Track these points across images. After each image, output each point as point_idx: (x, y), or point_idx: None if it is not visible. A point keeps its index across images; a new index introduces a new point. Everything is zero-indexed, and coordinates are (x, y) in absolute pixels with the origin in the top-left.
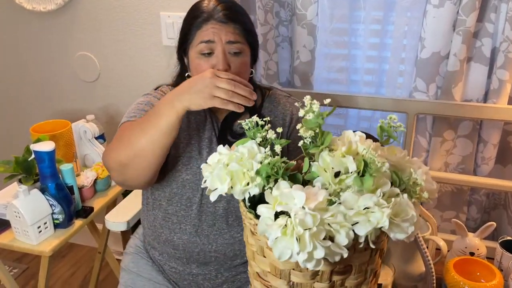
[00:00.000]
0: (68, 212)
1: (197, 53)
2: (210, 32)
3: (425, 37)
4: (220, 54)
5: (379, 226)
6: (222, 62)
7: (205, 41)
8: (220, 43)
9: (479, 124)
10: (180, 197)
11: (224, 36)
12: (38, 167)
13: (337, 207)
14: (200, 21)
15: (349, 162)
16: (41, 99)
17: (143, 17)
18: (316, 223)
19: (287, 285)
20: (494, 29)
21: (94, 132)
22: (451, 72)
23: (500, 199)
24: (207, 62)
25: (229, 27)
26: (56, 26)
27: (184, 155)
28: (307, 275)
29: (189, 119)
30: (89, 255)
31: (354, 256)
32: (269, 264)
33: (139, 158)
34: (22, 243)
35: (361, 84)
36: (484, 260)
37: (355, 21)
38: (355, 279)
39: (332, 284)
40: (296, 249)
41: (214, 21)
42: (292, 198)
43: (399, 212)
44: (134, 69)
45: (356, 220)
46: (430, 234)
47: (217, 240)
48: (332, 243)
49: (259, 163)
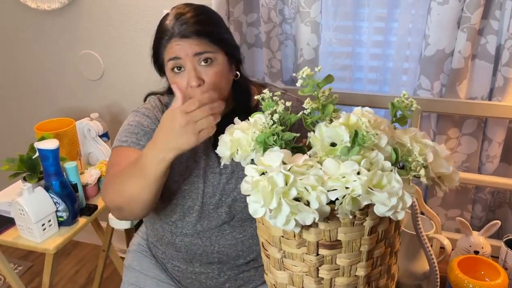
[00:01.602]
0: (72, 210)
1: (170, 71)
2: (175, 49)
3: (430, 35)
4: (191, 70)
5: (354, 194)
6: (193, 78)
7: (172, 58)
8: (187, 58)
9: (484, 122)
10: (181, 207)
11: (190, 50)
12: (42, 165)
13: (315, 171)
14: (164, 41)
15: (342, 131)
16: (46, 97)
17: (147, 16)
18: (288, 183)
19: (279, 252)
20: (499, 26)
21: (98, 130)
22: (455, 70)
23: (505, 198)
24: (182, 78)
25: (192, 40)
26: (60, 25)
27: (181, 165)
28: (294, 243)
29: None
30: (93, 253)
31: (341, 230)
32: (265, 231)
33: (134, 202)
34: (27, 240)
35: (365, 82)
36: (488, 259)
37: (359, 18)
38: (347, 257)
39: (321, 258)
40: (261, 202)
41: (176, 37)
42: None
43: (384, 184)
44: (138, 68)
45: (334, 187)
46: (434, 233)
47: (219, 242)
48: (300, 203)
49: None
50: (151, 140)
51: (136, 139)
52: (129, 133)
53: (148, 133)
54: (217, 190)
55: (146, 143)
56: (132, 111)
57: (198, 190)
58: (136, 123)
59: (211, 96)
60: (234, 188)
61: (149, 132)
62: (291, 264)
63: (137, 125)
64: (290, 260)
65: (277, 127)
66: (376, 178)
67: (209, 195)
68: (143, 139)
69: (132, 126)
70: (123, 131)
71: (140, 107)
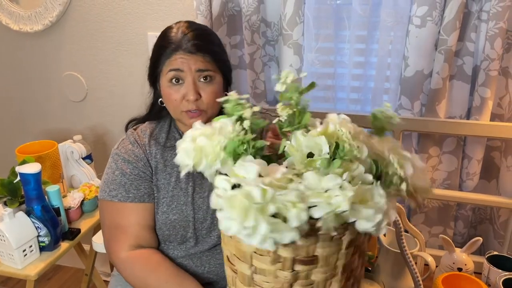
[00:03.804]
0: (54, 235)
1: (167, 81)
2: (179, 61)
3: (409, 56)
4: (191, 84)
5: (338, 210)
6: (193, 91)
7: (174, 69)
8: (189, 72)
9: (463, 140)
10: (174, 236)
11: (194, 65)
12: (24, 189)
13: (295, 186)
14: (169, 51)
15: (322, 142)
16: (28, 120)
17: (130, 37)
18: (266, 199)
19: (249, 269)
20: (475, 48)
21: (81, 152)
22: (434, 90)
23: (486, 214)
24: (177, 92)
25: (198, 56)
26: (43, 47)
27: (167, 195)
28: (267, 260)
29: (165, 158)
30: (75, 277)
31: (319, 245)
32: (234, 246)
33: None
34: (7, 267)
35: (347, 102)
36: (472, 276)
37: (340, 40)
38: (323, 272)
39: (296, 274)
40: (238, 220)
41: (182, 51)
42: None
43: (367, 199)
44: (122, 89)
45: (315, 202)
46: (418, 250)
47: (210, 262)
48: (279, 221)
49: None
50: None
51: (125, 192)
52: (117, 185)
53: (135, 180)
54: (207, 214)
55: (135, 191)
56: (113, 151)
57: (188, 217)
58: (120, 173)
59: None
60: None
61: (135, 179)
62: (262, 280)
63: (122, 174)
64: (261, 276)
65: (248, 135)
66: (360, 193)
67: (200, 221)
68: (131, 189)
69: (118, 176)
70: (110, 182)
71: (120, 147)
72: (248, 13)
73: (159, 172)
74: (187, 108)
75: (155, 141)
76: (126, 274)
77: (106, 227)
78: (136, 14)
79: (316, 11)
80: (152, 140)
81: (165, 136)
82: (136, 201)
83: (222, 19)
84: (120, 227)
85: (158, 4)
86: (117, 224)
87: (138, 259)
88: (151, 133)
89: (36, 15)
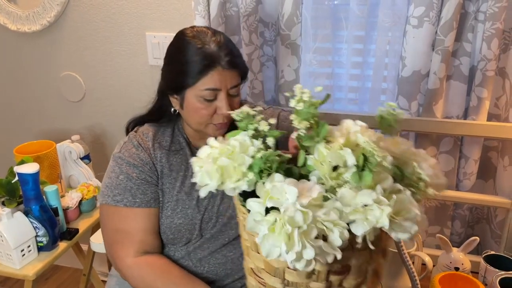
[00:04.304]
0: (52, 235)
1: (198, 97)
2: (217, 80)
3: (406, 56)
4: (225, 99)
5: (378, 226)
6: (227, 107)
7: (212, 89)
8: (224, 90)
9: (460, 140)
10: (179, 240)
11: (229, 83)
12: (22, 190)
13: (332, 204)
14: (204, 66)
15: (347, 155)
16: (26, 120)
17: (128, 37)
18: (307, 221)
19: (281, 283)
20: (472, 48)
21: (79, 152)
22: (431, 90)
23: (483, 213)
24: (209, 107)
25: (233, 73)
26: (41, 47)
27: (172, 199)
28: (302, 274)
29: (170, 162)
30: (73, 277)
31: (353, 255)
32: (263, 261)
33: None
34: (5, 267)
35: (345, 102)
36: (469, 275)
37: (338, 40)
38: (354, 279)
39: (329, 284)
40: (283, 248)
41: (220, 67)
42: (284, 192)
43: (400, 210)
44: (120, 89)
45: (353, 219)
46: (415, 250)
47: (209, 261)
48: (324, 243)
49: (251, 158)
50: None
51: (132, 197)
52: (122, 190)
53: (141, 185)
54: (212, 214)
55: (142, 196)
56: (115, 155)
57: (194, 220)
58: (125, 177)
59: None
60: (228, 207)
61: (142, 183)
62: None
63: (128, 179)
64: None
65: (272, 152)
66: (396, 205)
67: (206, 221)
68: (138, 194)
69: (123, 180)
70: (114, 186)
71: (123, 151)
72: (246, 13)
73: (165, 176)
74: (218, 121)
75: (159, 144)
76: (134, 280)
77: (109, 231)
78: (134, 14)
79: (314, 11)
80: (156, 144)
81: (169, 139)
82: (143, 206)
83: (220, 20)
84: (125, 232)
85: (156, 4)
86: (122, 229)
87: (145, 265)
88: (154, 137)
89: (34, 15)
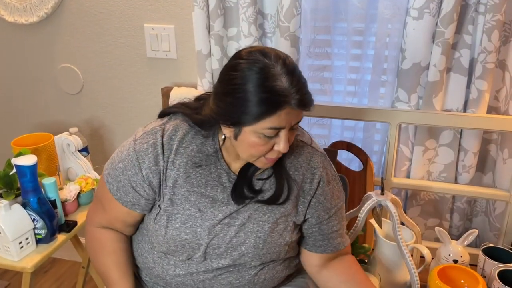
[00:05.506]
0: (50, 227)
1: (258, 133)
2: (283, 119)
3: (406, 48)
4: (285, 137)
5: None
6: (286, 145)
7: (276, 127)
8: (288, 127)
9: (459, 133)
10: (180, 253)
11: (294, 121)
12: (20, 182)
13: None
14: (272, 107)
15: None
16: (23, 112)
17: (126, 29)
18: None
19: None
20: (472, 40)
21: (77, 145)
22: (431, 83)
23: (482, 206)
24: (268, 143)
25: (300, 112)
26: (39, 39)
27: (183, 212)
28: None
29: (189, 173)
30: (72, 269)
31: None
32: None
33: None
34: (3, 259)
35: (344, 94)
36: (467, 267)
37: (337, 32)
38: None
39: None
40: None
41: (289, 107)
42: None
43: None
44: (118, 81)
45: None
46: (414, 243)
47: (212, 286)
48: None
49: None
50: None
51: (116, 189)
52: (115, 176)
53: (127, 186)
54: (222, 242)
55: (123, 195)
56: (133, 140)
57: (201, 241)
58: (122, 168)
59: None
60: (243, 242)
61: (129, 185)
62: None
63: (123, 171)
64: None
65: None
66: None
67: (214, 247)
68: (121, 189)
69: (120, 168)
70: (113, 167)
71: (138, 141)
72: (245, 5)
73: (178, 186)
74: (272, 156)
75: (184, 150)
76: (86, 243)
77: (97, 194)
78: (133, 6)
79: (313, 3)
80: (181, 149)
81: (196, 149)
82: (121, 204)
83: (218, 11)
84: (103, 207)
85: None
86: (102, 203)
87: (99, 238)
88: (182, 139)
89: (31, 6)
